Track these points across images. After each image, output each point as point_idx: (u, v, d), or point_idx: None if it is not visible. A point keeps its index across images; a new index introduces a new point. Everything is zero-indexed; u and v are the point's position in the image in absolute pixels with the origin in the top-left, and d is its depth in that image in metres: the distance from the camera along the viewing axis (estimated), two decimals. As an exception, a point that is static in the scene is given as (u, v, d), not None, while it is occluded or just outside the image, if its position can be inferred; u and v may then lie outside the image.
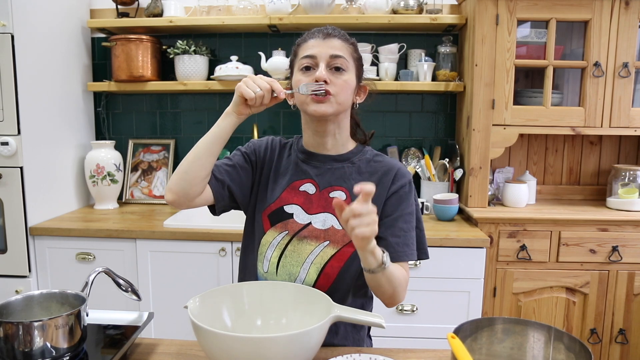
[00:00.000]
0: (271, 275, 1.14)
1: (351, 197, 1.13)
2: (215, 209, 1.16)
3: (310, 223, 1.12)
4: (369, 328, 1.27)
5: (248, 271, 1.21)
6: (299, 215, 1.14)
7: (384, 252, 0.96)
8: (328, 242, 1.11)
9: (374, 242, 0.93)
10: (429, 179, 2.34)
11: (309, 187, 1.15)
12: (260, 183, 1.19)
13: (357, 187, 0.85)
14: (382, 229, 1.09)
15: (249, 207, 1.20)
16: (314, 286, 1.10)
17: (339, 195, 1.14)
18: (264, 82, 1.03)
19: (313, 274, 1.11)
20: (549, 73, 2.10)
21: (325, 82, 1.06)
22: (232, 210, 1.22)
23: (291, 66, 1.16)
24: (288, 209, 1.15)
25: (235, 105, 1.05)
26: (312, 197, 1.14)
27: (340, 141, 1.17)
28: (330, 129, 1.14)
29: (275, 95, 1.05)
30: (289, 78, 1.19)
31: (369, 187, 0.85)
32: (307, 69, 1.09)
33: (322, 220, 1.12)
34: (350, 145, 1.20)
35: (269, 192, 1.18)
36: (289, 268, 1.13)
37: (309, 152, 1.18)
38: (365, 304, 1.20)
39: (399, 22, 2.22)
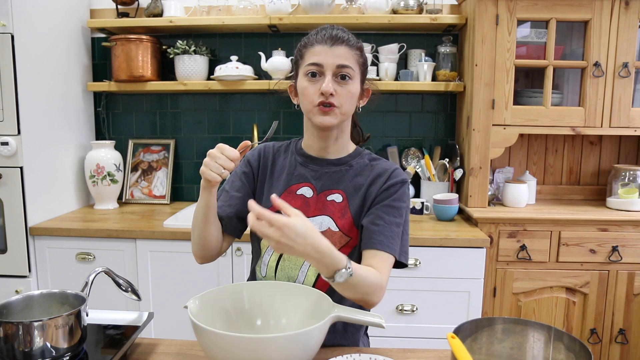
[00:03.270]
0: (269, 280, 1.15)
1: (348, 198, 1.14)
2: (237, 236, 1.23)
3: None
4: (366, 327, 1.27)
5: (251, 278, 1.23)
6: None
7: (345, 269, 0.90)
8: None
9: (316, 255, 0.88)
10: (429, 179, 2.34)
11: (306, 191, 1.16)
12: (257, 190, 1.21)
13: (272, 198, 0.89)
14: (366, 218, 1.11)
15: None
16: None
17: (335, 198, 1.14)
18: (228, 161, 1.00)
19: (311, 276, 1.12)
20: (549, 73, 2.10)
21: (331, 94, 1.07)
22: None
23: (295, 65, 1.16)
24: None
25: (205, 182, 1.06)
26: (309, 201, 1.15)
27: (341, 145, 1.18)
28: (333, 134, 1.15)
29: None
30: (291, 77, 1.19)
31: (278, 202, 0.88)
32: (314, 75, 1.09)
33: (319, 223, 1.12)
34: (350, 147, 1.21)
35: (265, 197, 1.18)
36: (287, 271, 1.13)
37: (309, 155, 1.19)
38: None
39: (399, 22, 2.22)
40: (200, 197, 1.09)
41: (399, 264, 1.12)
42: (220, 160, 1.00)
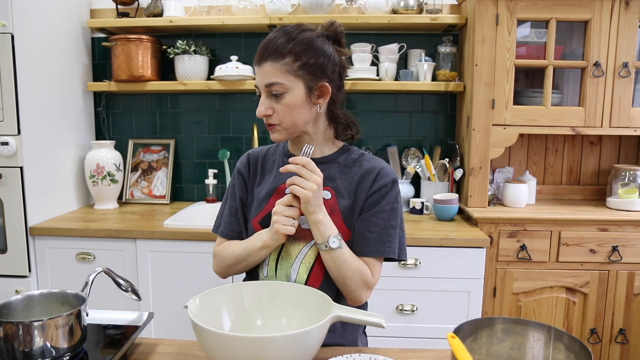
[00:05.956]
0: (271, 279, 1.15)
1: (337, 196, 1.14)
2: None
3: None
4: (365, 326, 1.27)
5: (251, 279, 1.23)
6: None
7: (337, 236, 1.05)
8: (314, 240, 1.12)
9: (321, 216, 1.04)
10: (429, 179, 2.34)
11: None
12: (249, 194, 1.22)
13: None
14: (358, 223, 1.13)
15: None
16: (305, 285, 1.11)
17: (324, 195, 1.14)
18: (294, 211, 1.05)
19: (303, 273, 1.12)
20: (549, 73, 2.10)
21: (268, 115, 1.11)
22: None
23: None
24: None
25: (277, 241, 1.08)
26: (298, 199, 1.15)
27: (320, 147, 1.18)
28: (303, 139, 1.17)
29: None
30: None
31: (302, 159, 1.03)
32: (259, 97, 1.14)
33: None
34: (336, 145, 1.21)
35: (256, 201, 1.20)
36: (285, 270, 1.14)
37: (294, 156, 1.19)
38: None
39: (399, 22, 2.22)
40: (266, 246, 1.09)
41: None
42: (287, 212, 1.04)
